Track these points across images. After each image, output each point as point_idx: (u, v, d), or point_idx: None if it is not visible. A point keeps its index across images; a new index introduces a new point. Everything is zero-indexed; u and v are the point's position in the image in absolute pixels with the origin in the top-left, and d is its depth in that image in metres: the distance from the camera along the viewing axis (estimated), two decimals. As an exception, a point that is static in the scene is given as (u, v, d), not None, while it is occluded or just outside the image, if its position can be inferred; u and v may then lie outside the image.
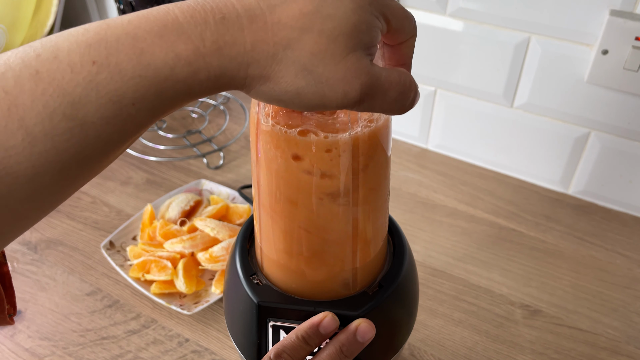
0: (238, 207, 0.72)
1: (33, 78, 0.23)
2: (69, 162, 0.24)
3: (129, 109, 0.24)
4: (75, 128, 0.23)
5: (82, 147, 0.24)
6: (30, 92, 0.23)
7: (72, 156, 0.24)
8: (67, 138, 0.23)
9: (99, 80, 0.23)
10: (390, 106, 0.28)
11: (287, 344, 0.36)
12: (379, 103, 0.27)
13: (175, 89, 0.24)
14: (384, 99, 0.27)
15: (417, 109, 0.85)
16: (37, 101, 0.23)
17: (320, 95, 0.26)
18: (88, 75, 0.23)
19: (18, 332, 0.61)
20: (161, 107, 0.25)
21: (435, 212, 0.77)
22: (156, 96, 0.24)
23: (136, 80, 0.23)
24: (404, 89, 0.28)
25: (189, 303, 0.62)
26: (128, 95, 0.23)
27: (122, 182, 0.82)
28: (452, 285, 0.66)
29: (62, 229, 0.74)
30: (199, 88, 0.25)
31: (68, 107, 0.23)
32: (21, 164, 0.23)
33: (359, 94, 0.26)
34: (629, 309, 0.63)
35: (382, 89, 0.27)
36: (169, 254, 0.65)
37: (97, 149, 0.24)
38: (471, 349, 0.59)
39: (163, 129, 0.94)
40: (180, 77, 0.24)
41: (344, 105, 0.26)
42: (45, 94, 0.23)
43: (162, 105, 0.24)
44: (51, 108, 0.23)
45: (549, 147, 0.77)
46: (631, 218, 0.75)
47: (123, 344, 0.59)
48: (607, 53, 0.65)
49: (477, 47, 0.74)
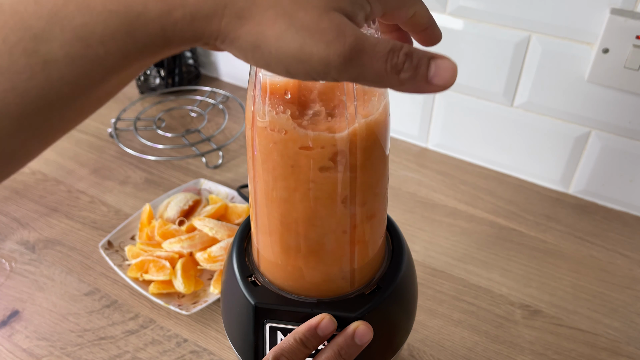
0: (237, 206, 0.72)
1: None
2: (30, 105, 0.22)
3: (96, 48, 0.22)
4: (37, 65, 0.21)
5: (44, 89, 0.22)
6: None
7: (33, 99, 0.22)
8: (28, 77, 0.21)
9: (65, 14, 0.21)
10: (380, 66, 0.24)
11: (285, 346, 0.35)
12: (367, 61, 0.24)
13: (148, 29, 0.22)
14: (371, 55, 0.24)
15: (417, 107, 0.84)
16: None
17: (301, 45, 0.23)
18: (53, 8, 0.21)
19: (16, 332, 0.61)
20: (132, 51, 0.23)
21: (435, 211, 0.76)
22: (127, 36, 0.22)
23: (105, 15, 0.21)
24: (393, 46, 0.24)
25: (188, 303, 0.61)
26: (97, 32, 0.21)
27: (121, 182, 0.82)
28: (451, 286, 0.65)
29: (60, 228, 0.74)
30: (172, 30, 0.23)
31: (29, 42, 0.21)
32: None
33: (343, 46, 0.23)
34: (629, 309, 0.63)
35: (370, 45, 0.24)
36: (168, 253, 0.64)
37: (62, 93, 0.22)
38: (471, 349, 0.58)
39: (162, 128, 0.94)
40: (154, 15, 0.22)
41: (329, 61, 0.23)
42: (5, 26, 0.21)
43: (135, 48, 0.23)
44: (11, 42, 0.21)
45: (549, 146, 0.76)
46: (632, 218, 0.75)
47: (121, 344, 0.59)
48: (608, 52, 0.64)
49: (477, 46, 0.74)
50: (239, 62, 1.04)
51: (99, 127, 0.94)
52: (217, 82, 1.08)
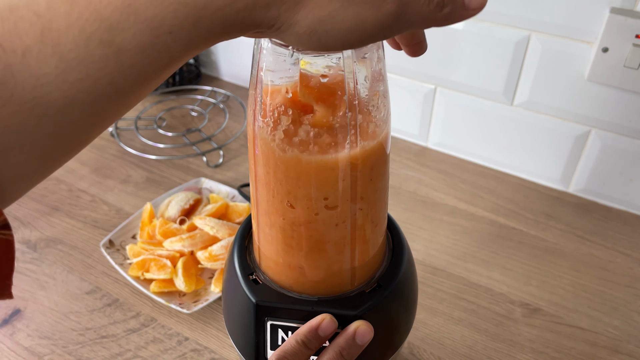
0: (237, 205, 0.72)
1: (67, 1, 0.22)
2: (100, 94, 0.23)
3: (165, 38, 0.23)
4: (111, 55, 0.22)
5: (115, 77, 0.23)
6: (66, 15, 0.22)
7: (104, 87, 0.23)
8: (102, 67, 0.22)
9: (138, 5, 0.22)
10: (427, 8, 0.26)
11: (288, 349, 0.35)
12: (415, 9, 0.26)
13: (212, 18, 0.23)
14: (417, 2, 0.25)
15: (417, 106, 0.84)
16: (73, 26, 0.22)
17: (356, 14, 0.25)
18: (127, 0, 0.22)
19: (17, 330, 0.61)
20: (196, 39, 0.24)
21: (435, 210, 0.76)
22: (193, 25, 0.23)
23: (175, 6, 0.22)
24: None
25: (189, 302, 0.62)
26: (166, 22, 0.23)
27: (122, 181, 0.82)
28: (452, 284, 0.66)
29: (61, 227, 0.74)
30: (234, 19, 0.24)
31: (105, 33, 0.22)
32: (52, 94, 0.22)
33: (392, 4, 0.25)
34: (629, 307, 0.63)
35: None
36: (169, 252, 0.64)
37: (129, 80, 0.23)
38: (471, 347, 0.59)
39: (162, 127, 0.94)
40: (219, 4, 0.23)
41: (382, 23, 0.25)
42: (81, 18, 0.22)
43: (198, 36, 0.24)
44: (87, 33, 0.22)
45: (549, 145, 0.76)
46: (632, 216, 0.75)
47: (122, 343, 0.59)
48: (608, 51, 0.64)
49: (477, 45, 0.74)
50: (239, 61, 1.04)
51: (100, 127, 0.95)
52: (217, 81, 1.09)
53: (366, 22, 0.25)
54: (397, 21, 0.25)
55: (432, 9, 0.26)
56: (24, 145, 0.22)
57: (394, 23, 0.25)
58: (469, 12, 0.27)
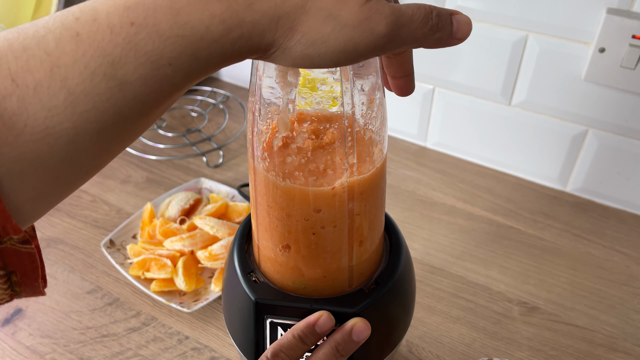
0: (237, 205, 0.72)
1: (74, 40, 0.23)
2: (107, 123, 0.24)
3: (165, 69, 0.24)
4: (114, 88, 0.24)
5: (120, 107, 0.24)
6: (72, 53, 0.23)
7: (110, 117, 0.24)
8: (107, 98, 0.24)
9: (138, 41, 0.24)
10: (420, 31, 0.27)
11: (284, 343, 0.36)
12: (409, 32, 0.27)
13: (210, 49, 0.25)
14: (411, 23, 0.27)
15: (416, 107, 0.85)
16: (79, 62, 0.23)
17: (348, 38, 0.26)
18: (127, 36, 0.24)
19: (19, 330, 0.61)
20: (196, 69, 0.25)
21: (434, 209, 0.77)
22: (192, 56, 0.24)
23: (173, 39, 0.24)
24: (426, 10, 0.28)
25: (189, 301, 0.62)
26: (165, 55, 0.24)
27: (122, 181, 0.83)
28: (450, 283, 0.66)
29: (62, 227, 0.75)
30: (231, 48, 0.25)
31: (108, 67, 0.24)
32: (62, 124, 0.24)
33: (385, 27, 0.26)
34: (626, 305, 0.63)
35: (407, 15, 0.27)
36: (169, 252, 0.65)
37: (134, 110, 0.25)
38: (469, 345, 0.59)
39: (163, 127, 0.94)
40: (215, 36, 0.24)
41: (375, 44, 0.26)
42: (86, 54, 0.23)
43: (197, 66, 0.25)
44: (92, 68, 0.23)
45: (546, 144, 0.77)
46: (629, 215, 0.76)
47: (123, 342, 0.60)
48: (604, 51, 0.65)
49: (475, 46, 0.74)
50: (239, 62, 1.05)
51: (100, 127, 0.95)
52: (217, 82, 1.09)
53: (359, 44, 0.26)
54: (390, 42, 0.26)
55: (425, 32, 0.27)
56: (38, 170, 0.24)
57: (387, 44, 0.26)
58: (454, 40, 0.29)
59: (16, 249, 0.26)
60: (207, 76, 0.26)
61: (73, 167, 0.25)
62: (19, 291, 0.28)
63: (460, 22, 0.29)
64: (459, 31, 0.29)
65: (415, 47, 0.28)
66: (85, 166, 0.26)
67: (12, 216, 0.24)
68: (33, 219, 0.26)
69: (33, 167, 0.24)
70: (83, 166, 0.26)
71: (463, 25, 0.29)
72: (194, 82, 0.26)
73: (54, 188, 0.26)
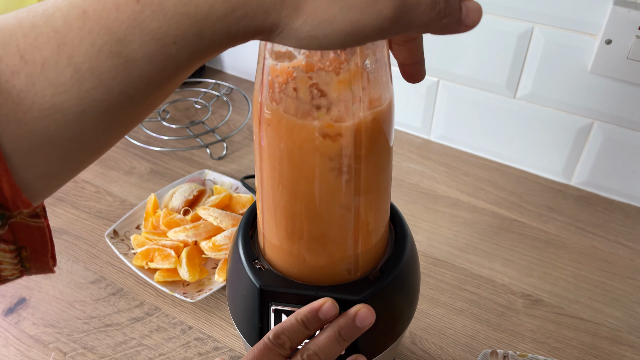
0: (241, 196, 0.72)
1: (81, 17, 0.24)
2: (113, 101, 0.25)
3: (170, 48, 0.24)
4: (120, 65, 0.24)
5: (126, 86, 0.24)
6: (79, 30, 0.24)
7: (116, 95, 0.25)
8: (113, 76, 0.24)
9: (143, 19, 0.24)
10: (427, 15, 0.27)
11: (287, 326, 0.36)
12: (415, 15, 0.26)
13: (214, 28, 0.25)
14: (418, 7, 0.26)
15: (420, 99, 0.85)
16: (85, 39, 0.24)
17: (355, 20, 0.25)
18: (132, 14, 0.24)
19: (23, 319, 0.61)
20: (200, 48, 0.25)
21: (438, 202, 0.77)
22: (196, 35, 0.24)
23: (177, 17, 0.24)
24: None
25: (192, 291, 0.62)
26: (170, 33, 0.24)
27: (126, 172, 0.83)
28: (453, 275, 0.66)
29: (66, 218, 0.75)
30: (236, 27, 0.25)
31: (114, 45, 0.24)
32: (70, 101, 0.24)
33: (392, 10, 0.25)
34: (630, 299, 0.63)
35: (415, 5, 0.26)
36: (173, 242, 0.65)
37: (140, 88, 0.25)
38: (472, 337, 0.59)
39: (166, 119, 0.94)
40: (219, 14, 0.24)
41: (381, 26, 0.26)
42: (92, 32, 0.24)
43: (202, 45, 0.25)
44: (98, 46, 0.24)
45: (551, 137, 0.77)
46: (634, 209, 0.75)
47: (127, 331, 0.60)
48: (611, 43, 0.65)
49: (480, 38, 0.74)
50: (243, 54, 1.05)
51: (104, 119, 0.95)
52: (221, 74, 1.09)
53: (365, 26, 0.26)
54: (396, 25, 0.26)
55: (432, 17, 0.27)
56: (46, 148, 0.24)
57: (393, 27, 0.26)
58: (462, 27, 0.28)
59: (26, 223, 0.26)
60: (211, 57, 0.26)
61: (80, 145, 0.26)
62: (29, 267, 0.28)
63: (469, 9, 0.28)
64: (468, 18, 0.28)
65: (422, 32, 0.28)
66: (93, 145, 0.26)
67: None
68: (42, 197, 0.27)
69: (41, 144, 0.24)
70: (90, 145, 0.26)
71: (472, 12, 0.28)
72: (199, 63, 0.26)
73: (62, 166, 0.26)
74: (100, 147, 0.27)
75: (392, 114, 0.36)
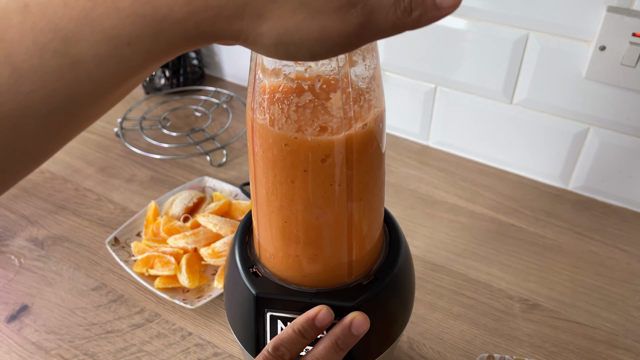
0: (240, 203, 0.73)
1: (21, 11, 0.21)
2: (57, 105, 0.22)
3: (123, 49, 0.22)
4: (66, 66, 0.22)
5: (72, 88, 0.22)
6: (19, 25, 0.21)
7: (61, 99, 0.22)
8: (57, 77, 0.22)
9: (94, 17, 0.22)
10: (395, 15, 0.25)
11: (284, 337, 0.36)
12: (381, 18, 0.25)
13: (172, 30, 0.23)
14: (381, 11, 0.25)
15: (418, 105, 0.85)
16: (26, 36, 0.21)
17: (322, 27, 0.24)
18: (82, 11, 0.22)
19: (25, 326, 0.62)
20: (156, 51, 0.23)
21: (436, 208, 0.77)
22: (153, 38, 0.23)
23: (133, 18, 0.22)
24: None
25: (192, 297, 0.63)
26: (124, 33, 0.22)
27: (127, 180, 0.84)
28: (451, 280, 0.66)
29: (68, 225, 0.75)
30: (195, 31, 0.23)
31: (60, 43, 0.21)
32: (6, 105, 0.21)
33: (357, 16, 0.24)
34: (627, 303, 0.64)
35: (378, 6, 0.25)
36: (173, 249, 0.66)
37: (87, 92, 0.23)
38: (470, 342, 0.59)
39: (167, 127, 0.95)
40: (178, 17, 0.23)
41: (349, 32, 0.25)
42: (35, 28, 0.21)
43: (158, 48, 0.23)
44: (41, 44, 0.21)
45: (548, 143, 0.77)
46: (631, 213, 0.76)
47: (127, 338, 0.61)
48: (605, 49, 0.65)
49: (477, 44, 0.75)
50: (242, 62, 1.06)
51: (106, 127, 0.96)
52: (221, 82, 1.10)
53: (332, 33, 0.24)
54: (365, 31, 0.25)
55: (399, 15, 0.25)
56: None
57: (362, 32, 0.25)
58: (442, 11, 0.26)
59: None
60: (167, 61, 0.25)
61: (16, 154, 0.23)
62: None
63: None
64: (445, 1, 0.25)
65: (397, 32, 0.26)
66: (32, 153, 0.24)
67: None
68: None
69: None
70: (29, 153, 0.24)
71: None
72: (154, 67, 0.24)
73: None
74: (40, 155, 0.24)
75: (384, 122, 0.37)
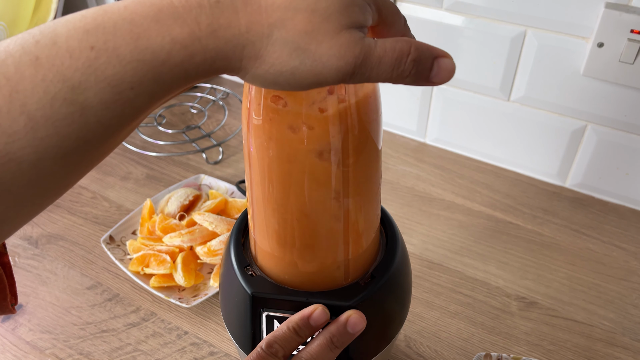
0: (236, 201, 0.73)
1: (33, 64, 0.23)
2: (70, 147, 0.24)
3: (127, 93, 0.24)
4: (75, 113, 0.23)
5: (83, 132, 0.24)
6: (31, 78, 0.23)
7: (73, 141, 0.24)
8: (68, 123, 0.23)
9: (98, 65, 0.23)
10: (388, 74, 0.27)
11: (279, 334, 0.36)
12: (374, 73, 0.26)
13: (173, 73, 0.24)
14: (379, 67, 0.26)
15: (415, 103, 0.85)
16: (38, 87, 0.23)
17: (315, 73, 0.26)
18: (87, 61, 0.23)
19: (19, 325, 0.62)
20: (159, 92, 0.25)
21: (433, 205, 0.77)
22: (154, 80, 0.24)
23: (134, 64, 0.24)
24: (400, 54, 0.27)
25: (188, 296, 0.62)
26: (126, 79, 0.24)
27: (122, 178, 0.83)
28: (448, 278, 0.66)
29: (62, 224, 0.75)
30: (196, 72, 0.25)
31: (68, 92, 0.23)
32: (24, 150, 0.23)
33: (352, 66, 0.26)
34: (624, 300, 0.63)
35: (376, 57, 0.26)
36: (168, 248, 0.65)
37: (98, 134, 0.24)
38: (467, 340, 0.59)
39: (162, 124, 0.95)
40: (177, 61, 0.24)
41: (339, 79, 0.26)
42: (45, 79, 0.23)
43: (160, 89, 0.25)
44: (52, 93, 0.23)
45: (546, 140, 0.77)
46: (628, 210, 0.75)
47: (123, 337, 0.60)
48: (603, 46, 0.65)
49: (474, 41, 0.74)
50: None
51: (101, 124, 0.95)
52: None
53: (327, 79, 0.26)
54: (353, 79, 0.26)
55: (393, 76, 0.27)
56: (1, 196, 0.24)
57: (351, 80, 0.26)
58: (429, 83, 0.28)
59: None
60: (173, 97, 0.26)
61: (37, 190, 0.25)
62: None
63: (441, 68, 0.28)
64: (437, 76, 0.28)
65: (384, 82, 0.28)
66: (51, 189, 0.26)
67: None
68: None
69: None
70: (48, 189, 0.26)
71: (444, 71, 0.28)
72: (160, 104, 0.26)
73: (18, 211, 0.25)
74: (59, 189, 0.26)
75: (380, 120, 0.36)
